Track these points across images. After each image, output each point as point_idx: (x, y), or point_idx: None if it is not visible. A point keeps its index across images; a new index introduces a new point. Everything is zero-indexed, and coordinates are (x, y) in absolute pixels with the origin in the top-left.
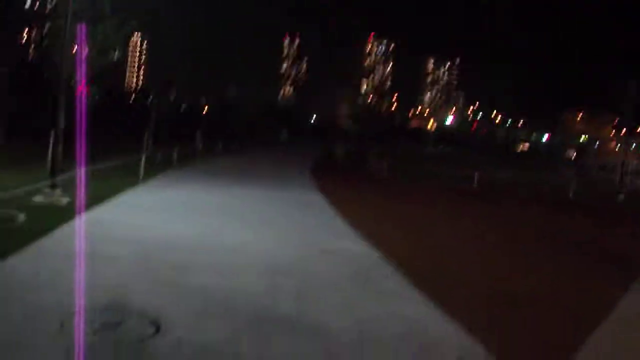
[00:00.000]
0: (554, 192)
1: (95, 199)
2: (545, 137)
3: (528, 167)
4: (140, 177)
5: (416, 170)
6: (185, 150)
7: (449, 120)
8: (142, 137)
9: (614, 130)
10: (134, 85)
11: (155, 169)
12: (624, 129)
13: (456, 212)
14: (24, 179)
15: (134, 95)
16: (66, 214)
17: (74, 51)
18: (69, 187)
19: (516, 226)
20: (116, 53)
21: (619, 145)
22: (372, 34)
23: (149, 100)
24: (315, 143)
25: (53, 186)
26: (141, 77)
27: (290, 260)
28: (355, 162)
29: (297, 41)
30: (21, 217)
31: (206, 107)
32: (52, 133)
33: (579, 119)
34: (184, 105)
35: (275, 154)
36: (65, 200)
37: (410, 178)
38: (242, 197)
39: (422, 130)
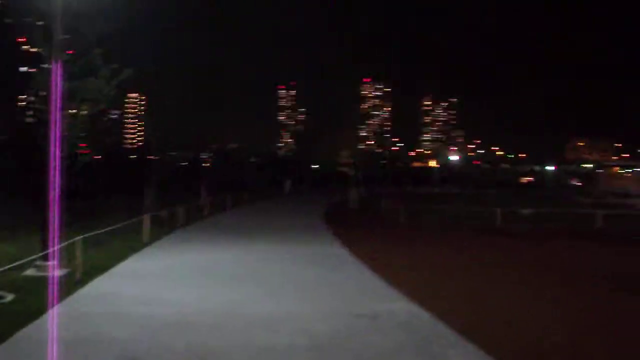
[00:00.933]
0: (580, 224)
1: (95, 269)
2: (552, 167)
3: (540, 199)
4: (145, 240)
5: (430, 211)
6: (191, 206)
7: (454, 158)
8: (144, 196)
9: (613, 156)
10: (134, 142)
11: (160, 229)
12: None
13: (494, 257)
14: (15, 250)
15: (133, 153)
16: (61, 289)
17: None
18: (66, 257)
19: (562, 268)
20: (110, 110)
21: (623, 170)
22: (368, 79)
23: (150, 157)
24: (320, 191)
25: (46, 257)
26: (140, 134)
27: (335, 333)
28: (366, 209)
29: (292, 91)
30: (9, 296)
31: (208, 162)
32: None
33: (580, 146)
34: (184, 161)
35: (283, 204)
36: (60, 272)
37: (428, 221)
38: (260, 257)
39: (425, 170)
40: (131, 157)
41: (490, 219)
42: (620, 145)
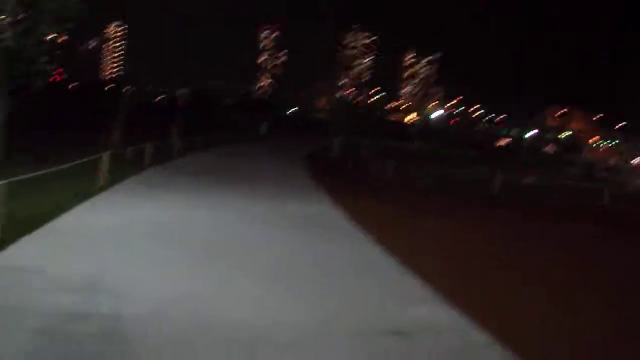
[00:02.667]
0: (589, 199)
1: (25, 222)
2: (533, 132)
3: (523, 166)
4: (100, 183)
5: (417, 171)
6: (161, 144)
7: (436, 114)
8: (112, 131)
9: (593, 128)
10: (109, 74)
11: (122, 170)
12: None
13: (521, 237)
14: None
15: (109, 84)
16: None
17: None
18: None
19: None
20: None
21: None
22: (352, 25)
23: (124, 90)
24: (297, 137)
25: None
26: (117, 67)
27: None
28: (348, 159)
29: (275, 32)
30: None
31: (183, 99)
32: None
33: (559, 114)
34: (160, 96)
35: (260, 149)
36: None
37: (418, 181)
38: (240, 216)
39: (402, 124)
40: (107, 88)
41: (483, 185)
42: (601, 115)
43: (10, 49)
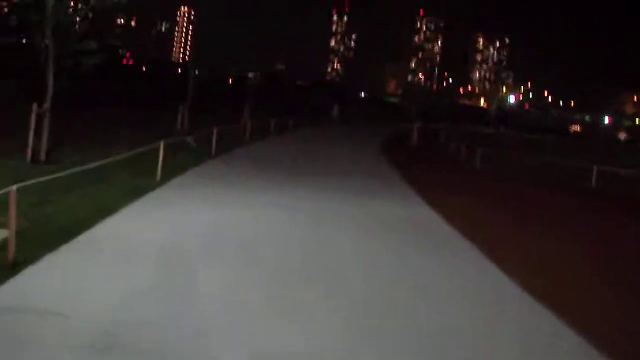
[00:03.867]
0: None
1: (61, 230)
2: (607, 119)
3: (603, 154)
4: (158, 177)
5: (505, 159)
6: (230, 130)
7: (512, 99)
8: (179, 116)
9: None
10: (179, 57)
11: (184, 160)
12: None
13: None
14: None
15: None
16: None
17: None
18: (27, 204)
19: None
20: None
21: None
22: (422, 11)
23: (193, 71)
24: (371, 121)
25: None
26: (188, 49)
27: None
28: (429, 147)
29: (345, 17)
30: None
31: (254, 81)
32: None
33: (635, 101)
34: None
35: (334, 134)
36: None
37: (512, 171)
38: (323, 218)
39: (478, 109)
40: (177, 70)
41: (576, 174)
42: None
43: (58, 24)
